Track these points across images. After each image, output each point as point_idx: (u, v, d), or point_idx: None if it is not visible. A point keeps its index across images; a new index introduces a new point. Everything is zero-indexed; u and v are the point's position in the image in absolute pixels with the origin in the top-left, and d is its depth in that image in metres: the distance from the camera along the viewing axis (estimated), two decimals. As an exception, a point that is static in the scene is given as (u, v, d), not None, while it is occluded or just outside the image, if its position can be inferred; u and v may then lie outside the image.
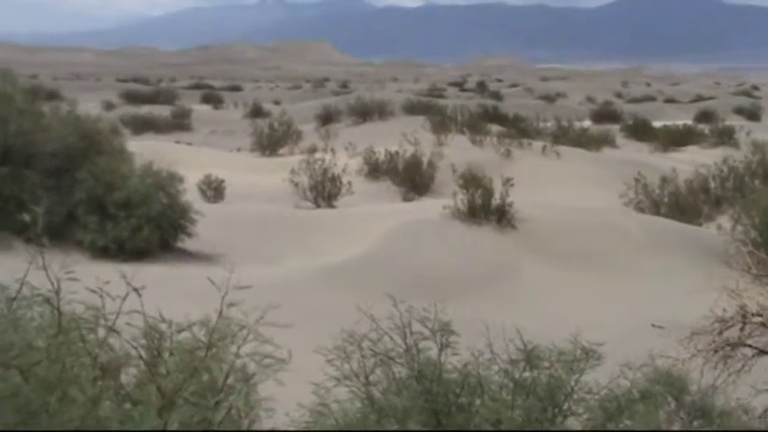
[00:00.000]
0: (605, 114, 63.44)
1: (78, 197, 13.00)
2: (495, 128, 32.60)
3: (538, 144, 29.63)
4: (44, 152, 13.32)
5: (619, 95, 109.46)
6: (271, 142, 31.98)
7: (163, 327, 3.40)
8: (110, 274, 3.60)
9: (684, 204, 20.02)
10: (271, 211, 17.69)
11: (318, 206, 20.29)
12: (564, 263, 14.52)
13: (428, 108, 44.52)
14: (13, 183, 12.80)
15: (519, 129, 34.76)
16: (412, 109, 46.65)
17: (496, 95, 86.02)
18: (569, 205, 19.01)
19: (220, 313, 3.47)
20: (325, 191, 20.80)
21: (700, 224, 19.30)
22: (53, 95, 52.38)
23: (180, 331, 3.38)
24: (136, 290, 3.33)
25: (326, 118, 44.13)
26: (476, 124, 32.49)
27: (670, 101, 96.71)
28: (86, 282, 3.37)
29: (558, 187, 24.43)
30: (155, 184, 13.33)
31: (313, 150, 28.46)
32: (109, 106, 58.94)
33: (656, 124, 50.47)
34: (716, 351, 6.76)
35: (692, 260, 14.77)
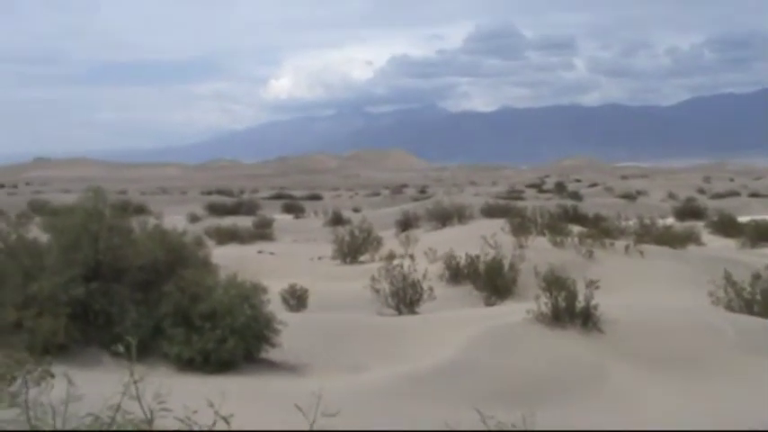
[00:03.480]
0: (689, 211, 62.38)
1: (165, 310, 13.22)
2: (575, 228, 32.24)
3: (620, 243, 29.15)
4: (132, 266, 13.67)
5: (701, 191, 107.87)
6: (351, 249, 32.22)
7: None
8: (197, 388, 3.61)
9: (778, 302, 19.27)
10: (353, 320, 17.68)
11: (400, 313, 20.19)
12: (654, 366, 14.04)
13: (507, 210, 44.53)
14: (103, 297, 13.12)
15: (600, 228, 34.31)
16: (491, 212, 46.69)
17: (576, 195, 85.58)
18: (656, 305, 18.52)
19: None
20: (406, 297, 20.70)
21: (796, 322, 18.53)
22: (141, 210, 54.09)
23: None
24: (224, 418, 3.32)
25: (406, 223, 44.40)
26: (556, 225, 32.17)
27: (755, 195, 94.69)
28: (174, 401, 3.38)
29: (643, 287, 23.88)
30: (239, 296, 13.48)
31: (393, 256, 28.53)
32: (194, 218, 60.47)
33: (742, 219, 49.36)
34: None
35: (791, 361, 14.13)
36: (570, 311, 15.55)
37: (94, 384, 4.21)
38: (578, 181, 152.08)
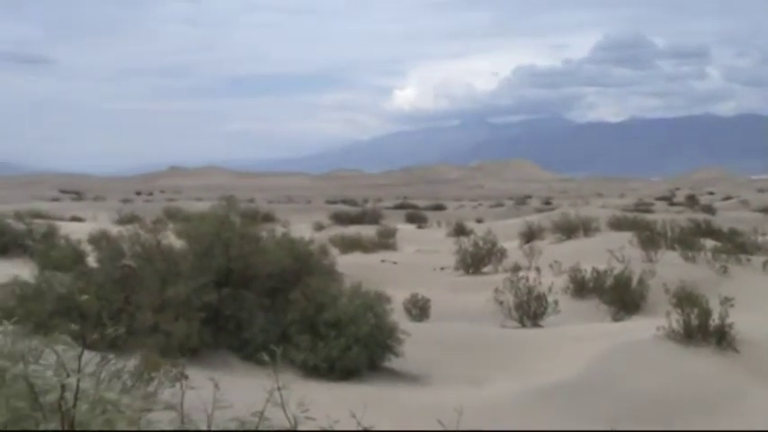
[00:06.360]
0: (832, 226, 59.08)
1: (291, 317, 13.47)
2: (708, 243, 31.08)
3: (758, 259, 27.92)
4: (261, 274, 13.99)
5: None
6: (475, 261, 32.00)
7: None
8: (324, 395, 3.62)
9: None
10: (476, 331, 17.56)
11: (524, 326, 19.94)
12: (795, 389, 13.35)
13: (635, 223, 43.25)
14: (233, 303, 13.49)
15: (735, 243, 32.98)
16: (618, 224, 45.48)
17: (709, 209, 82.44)
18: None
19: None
20: (530, 310, 20.41)
21: None
22: (268, 218, 55.31)
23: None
24: (367, 430, 3.33)
25: (530, 235, 43.77)
26: (687, 239, 31.09)
27: None
28: (314, 409, 3.41)
29: (783, 306, 22.75)
30: (363, 305, 13.60)
31: (517, 268, 28.20)
32: (319, 227, 61.38)
33: None
34: None
35: None
36: (703, 329, 14.99)
37: (227, 388, 4.32)
38: (711, 194, 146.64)
